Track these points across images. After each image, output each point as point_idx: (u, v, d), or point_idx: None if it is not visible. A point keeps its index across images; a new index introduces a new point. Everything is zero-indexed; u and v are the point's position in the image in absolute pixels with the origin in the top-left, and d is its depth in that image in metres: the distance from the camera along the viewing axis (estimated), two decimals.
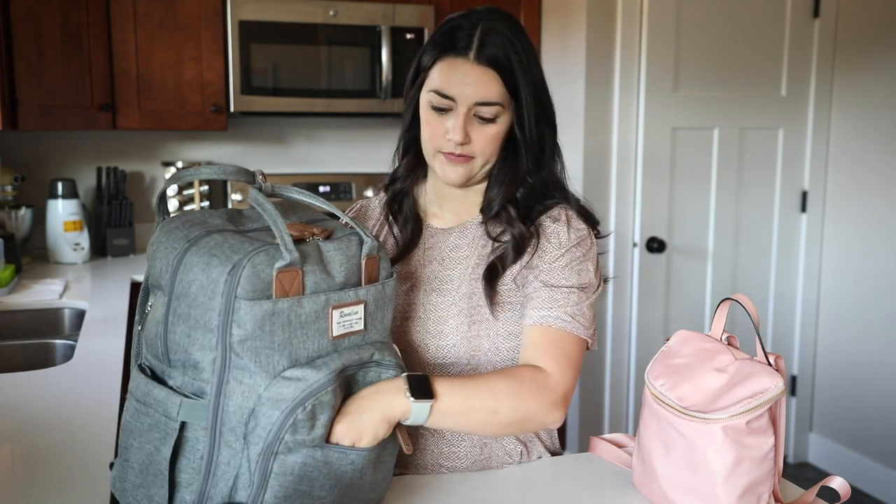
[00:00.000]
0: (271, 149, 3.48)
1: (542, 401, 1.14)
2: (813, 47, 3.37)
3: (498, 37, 1.21)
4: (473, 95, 1.20)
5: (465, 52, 1.20)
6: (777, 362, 1.07)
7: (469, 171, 1.25)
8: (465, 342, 1.25)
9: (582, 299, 1.23)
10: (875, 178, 3.25)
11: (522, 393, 1.14)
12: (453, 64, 1.21)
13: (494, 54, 1.20)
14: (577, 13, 3.15)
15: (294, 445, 0.92)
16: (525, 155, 1.26)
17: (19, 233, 2.91)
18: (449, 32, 1.23)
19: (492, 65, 1.20)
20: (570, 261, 1.24)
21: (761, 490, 1.05)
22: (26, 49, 2.72)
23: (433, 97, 1.23)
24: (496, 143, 1.24)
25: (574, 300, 1.22)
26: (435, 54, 1.23)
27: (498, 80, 1.21)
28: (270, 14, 3.00)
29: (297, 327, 0.94)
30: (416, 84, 1.28)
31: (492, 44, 1.20)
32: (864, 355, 3.32)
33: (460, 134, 1.21)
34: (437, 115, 1.23)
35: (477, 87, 1.20)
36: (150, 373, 0.98)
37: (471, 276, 1.27)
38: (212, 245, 0.93)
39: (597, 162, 3.19)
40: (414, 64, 1.29)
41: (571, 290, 1.22)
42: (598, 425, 3.35)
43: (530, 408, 1.14)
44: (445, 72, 1.22)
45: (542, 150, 1.28)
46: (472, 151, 1.23)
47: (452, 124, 1.21)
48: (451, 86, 1.21)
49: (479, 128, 1.23)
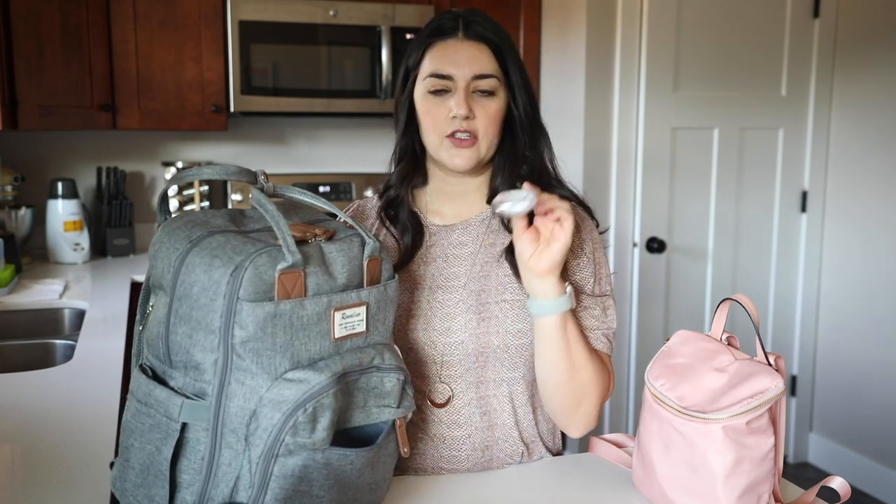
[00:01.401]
0: (271, 149, 3.48)
1: (607, 385, 1.26)
2: (813, 47, 3.37)
3: (482, 19, 1.27)
4: (470, 69, 1.23)
5: (453, 34, 1.25)
6: (777, 362, 1.07)
7: (476, 154, 1.26)
8: (473, 339, 1.25)
9: (608, 318, 1.29)
10: (875, 178, 3.25)
11: (602, 372, 1.24)
12: (444, 45, 1.25)
13: (482, 32, 1.26)
14: (577, 13, 3.15)
15: (294, 448, 0.92)
16: (521, 132, 1.29)
17: (19, 233, 2.91)
18: (432, 25, 1.28)
19: (481, 40, 1.25)
20: (589, 265, 1.28)
21: (761, 490, 1.05)
22: (26, 49, 2.72)
23: (430, 82, 1.25)
24: (497, 122, 1.26)
25: (600, 312, 1.28)
26: (422, 47, 1.27)
27: (490, 54, 1.25)
28: (270, 14, 3.00)
29: (298, 329, 0.94)
30: (406, 86, 1.29)
31: (478, 24, 1.26)
32: (864, 355, 3.32)
33: (464, 107, 1.23)
34: (437, 99, 1.25)
35: (472, 61, 1.24)
36: (151, 373, 0.98)
37: (479, 274, 1.28)
38: (214, 246, 0.93)
39: (597, 162, 3.19)
40: (401, 69, 1.31)
41: (593, 299, 1.28)
42: (599, 425, 3.34)
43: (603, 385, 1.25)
44: (438, 55, 1.25)
45: (533, 126, 1.31)
46: (475, 128, 1.24)
47: (455, 100, 1.23)
48: (446, 65, 1.24)
49: (481, 102, 1.25)
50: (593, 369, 1.22)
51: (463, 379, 1.26)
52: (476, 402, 1.26)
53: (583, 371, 1.21)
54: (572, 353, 1.19)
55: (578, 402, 1.23)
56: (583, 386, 1.22)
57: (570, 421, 1.26)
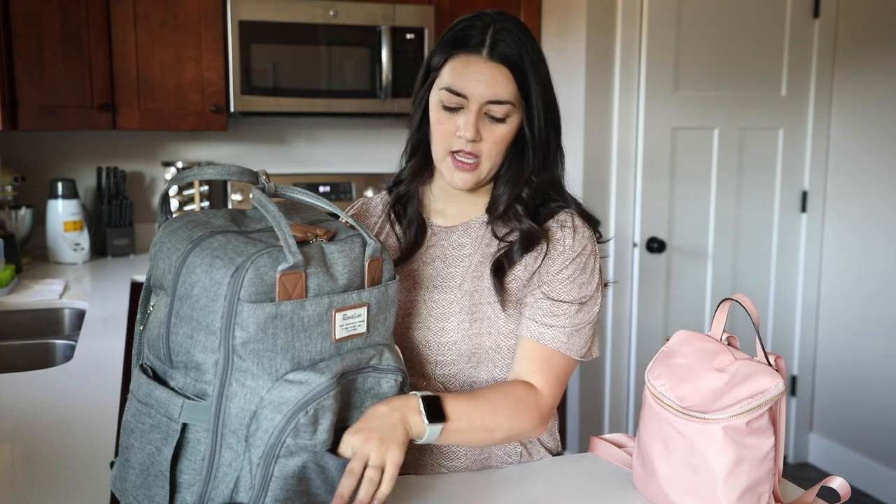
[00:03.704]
0: (271, 149, 3.48)
1: (532, 419, 1.21)
2: (813, 47, 3.37)
3: (510, 36, 1.21)
4: (486, 93, 1.20)
5: (478, 49, 1.21)
6: (777, 362, 1.07)
7: (476, 176, 1.25)
8: (466, 339, 1.25)
9: (582, 317, 1.25)
10: (875, 178, 3.25)
11: (518, 412, 1.19)
12: (466, 61, 1.21)
13: (507, 52, 1.20)
14: (577, 13, 3.15)
15: (295, 449, 0.92)
16: (532, 155, 1.27)
17: (19, 233, 2.91)
18: (461, 31, 1.23)
19: (505, 62, 1.20)
20: (574, 272, 1.25)
21: (761, 490, 1.05)
22: (26, 49, 2.72)
23: (444, 95, 1.22)
24: (503, 145, 1.25)
25: (573, 317, 1.24)
26: (446, 53, 1.23)
27: (510, 78, 1.21)
28: (270, 14, 3.00)
29: (299, 330, 0.94)
30: (425, 84, 1.28)
31: (504, 42, 1.20)
32: (864, 355, 3.32)
33: (472, 131, 1.21)
34: (448, 113, 1.23)
35: (490, 84, 1.20)
36: (151, 373, 0.98)
37: (473, 274, 1.28)
38: (215, 246, 0.93)
39: (597, 162, 3.20)
40: (424, 64, 1.29)
41: (572, 306, 1.24)
42: (598, 425, 3.35)
43: (523, 426, 1.20)
44: (458, 69, 1.22)
45: (549, 150, 1.28)
46: (480, 150, 1.23)
47: (464, 122, 1.21)
48: (463, 83, 1.21)
49: (490, 127, 1.23)
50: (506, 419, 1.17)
51: (457, 379, 1.26)
52: None
53: (496, 433, 1.18)
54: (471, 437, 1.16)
55: (509, 440, 1.22)
56: (504, 436, 1.19)
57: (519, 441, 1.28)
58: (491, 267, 1.26)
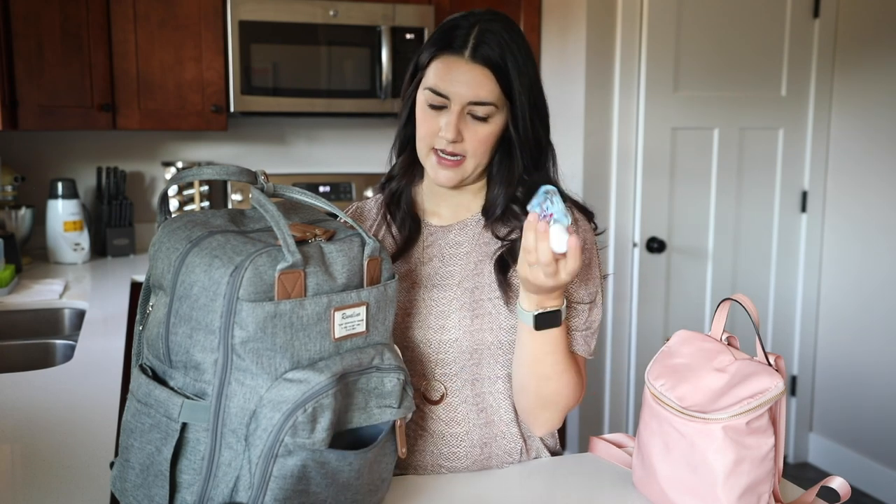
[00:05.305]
0: (271, 149, 3.48)
1: (577, 397, 1.28)
2: (813, 47, 3.37)
3: (494, 37, 1.21)
4: (467, 94, 1.21)
5: (460, 51, 1.22)
6: (777, 362, 1.07)
7: (461, 174, 1.26)
8: (467, 336, 1.25)
9: (594, 316, 1.29)
10: (875, 178, 3.25)
11: (564, 395, 1.25)
12: (448, 62, 1.22)
13: (489, 54, 1.21)
14: (577, 13, 3.15)
15: (294, 448, 0.92)
16: (521, 154, 1.27)
17: (19, 233, 2.91)
18: (447, 31, 1.24)
19: (486, 64, 1.21)
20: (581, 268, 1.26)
21: (761, 490, 1.05)
22: (26, 49, 2.72)
23: (428, 95, 1.24)
24: (487, 144, 1.25)
25: (584, 317, 1.27)
26: (432, 52, 1.25)
27: (492, 79, 1.21)
28: (270, 14, 3.00)
29: (298, 329, 0.94)
30: (413, 82, 1.29)
31: (487, 44, 1.21)
32: (864, 355, 3.32)
33: (452, 132, 1.22)
34: (432, 112, 1.24)
35: (471, 86, 1.21)
36: (151, 373, 0.98)
37: (473, 272, 1.28)
38: (214, 246, 0.93)
39: (597, 162, 3.20)
40: (412, 62, 1.30)
41: (582, 305, 1.27)
42: (598, 425, 3.35)
43: (553, 406, 1.25)
44: (441, 70, 1.23)
45: (539, 149, 1.29)
46: (463, 150, 1.24)
47: (445, 122, 1.23)
48: (445, 84, 1.22)
49: (472, 127, 1.23)
50: (564, 383, 1.23)
51: (459, 377, 1.27)
52: (472, 400, 1.27)
53: (550, 383, 1.22)
54: (544, 364, 1.20)
55: (542, 409, 1.25)
56: (548, 396, 1.23)
57: (532, 422, 1.29)
58: (494, 263, 1.27)
